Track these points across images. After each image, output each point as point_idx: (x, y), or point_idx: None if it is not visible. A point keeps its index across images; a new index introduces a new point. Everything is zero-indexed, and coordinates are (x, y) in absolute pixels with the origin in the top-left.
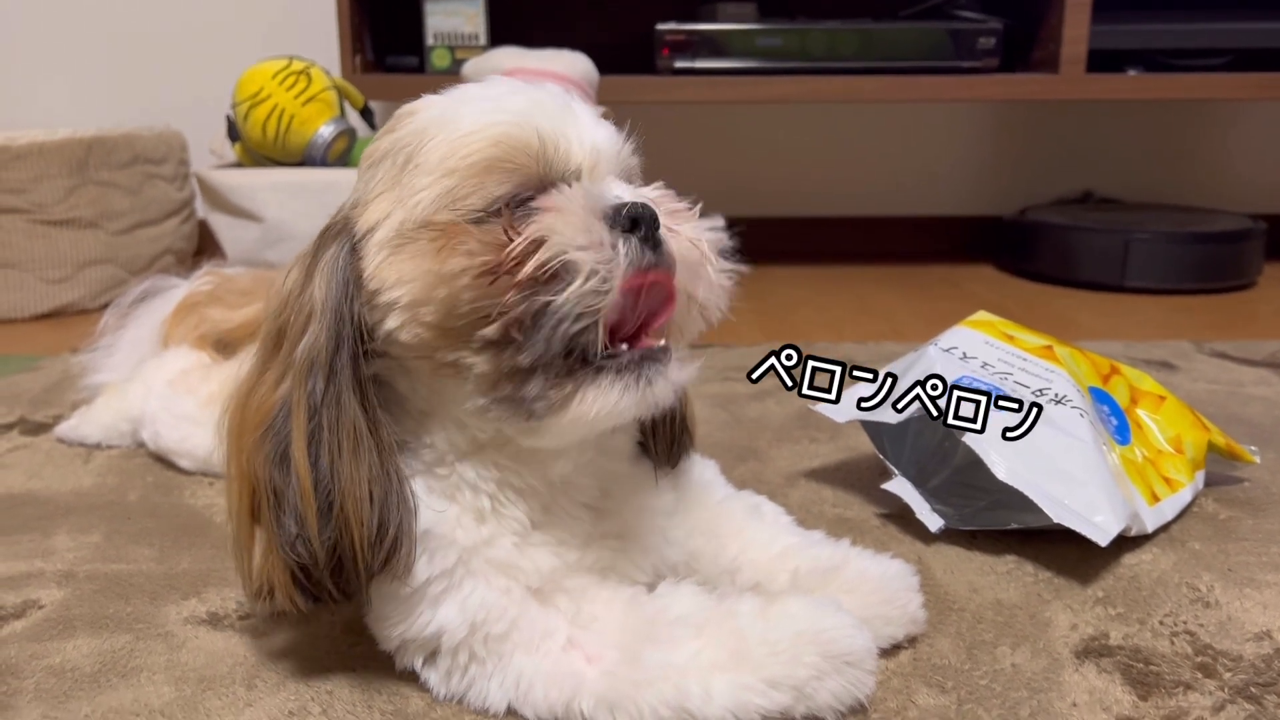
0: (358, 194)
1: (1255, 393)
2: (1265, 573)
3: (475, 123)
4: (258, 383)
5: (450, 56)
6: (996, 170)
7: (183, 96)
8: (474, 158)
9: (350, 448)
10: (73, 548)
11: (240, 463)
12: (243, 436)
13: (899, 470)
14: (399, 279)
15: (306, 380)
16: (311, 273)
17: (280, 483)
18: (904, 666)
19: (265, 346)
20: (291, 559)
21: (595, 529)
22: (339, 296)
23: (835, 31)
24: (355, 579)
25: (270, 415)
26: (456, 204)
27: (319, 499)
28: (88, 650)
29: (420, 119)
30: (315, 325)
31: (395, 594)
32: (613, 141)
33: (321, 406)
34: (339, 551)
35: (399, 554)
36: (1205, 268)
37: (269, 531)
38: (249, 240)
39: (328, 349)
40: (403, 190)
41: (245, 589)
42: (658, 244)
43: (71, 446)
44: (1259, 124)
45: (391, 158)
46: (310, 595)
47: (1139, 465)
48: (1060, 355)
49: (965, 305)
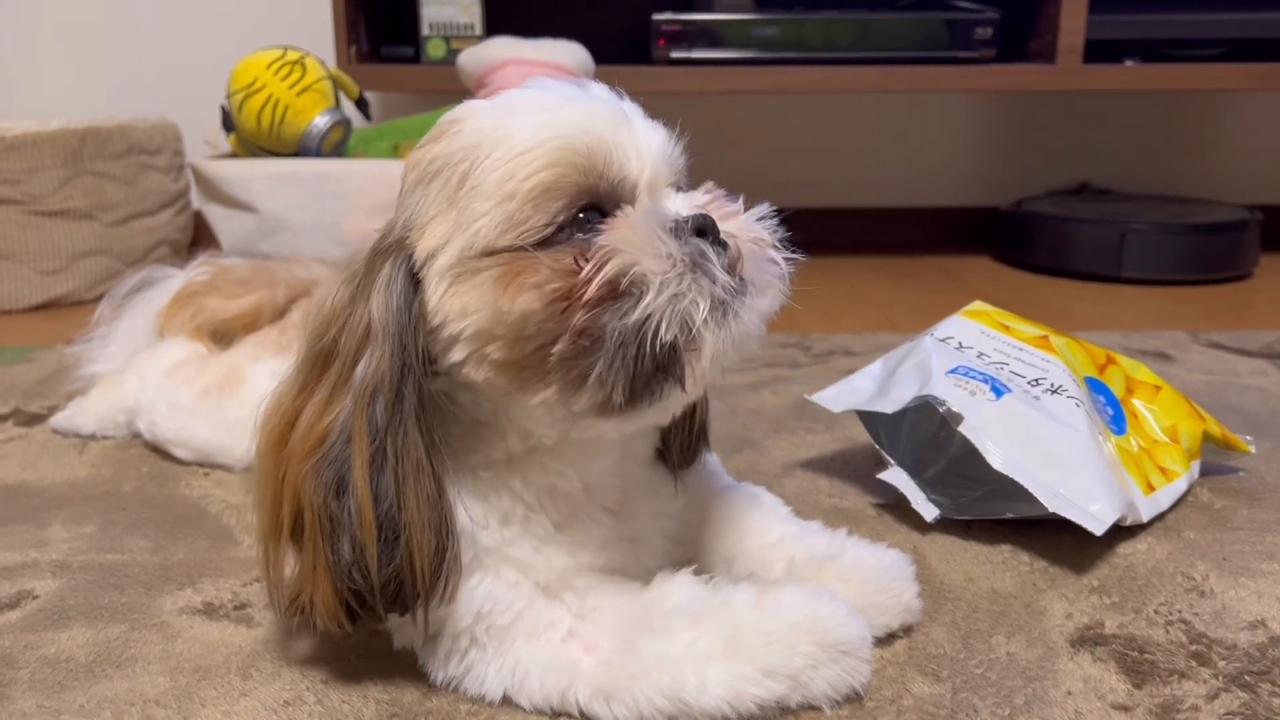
0: (409, 212)
1: (1251, 383)
2: (1260, 562)
3: (531, 139)
4: (303, 404)
5: (446, 47)
6: (993, 161)
7: (178, 87)
8: (532, 180)
9: (413, 476)
10: (67, 538)
11: (281, 484)
12: (288, 460)
13: (895, 460)
14: (463, 310)
15: (369, 406)
16: (367, 293)
17: (336, 510)
18: (899, 655)
19: (308, 366)
20: (346, 584)
21: (613, 532)
22: (401, 322)
23: (832, 21)
24: (411, 603)
25: (324, 440)
26: (518, 228)
27: (381, 528)
28: (82, 640)
29: (470, 132)
30: (377, 349)
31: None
32: (667, 147)
33: (385, 433)
34: (398, 578)
35: (450, 579)
36: (1201, 258)
37: (319, 556)
38: (244, 231)
39: (392, 375)
40: (461, 214)
41: (274, 604)
42: (723, 245)
43: (66, 437)
44: (1255, 115)
45: (444, 176)
46: (356, 617)
47: (1134, 455)
48: (1056, 345)
49: (961, 296)
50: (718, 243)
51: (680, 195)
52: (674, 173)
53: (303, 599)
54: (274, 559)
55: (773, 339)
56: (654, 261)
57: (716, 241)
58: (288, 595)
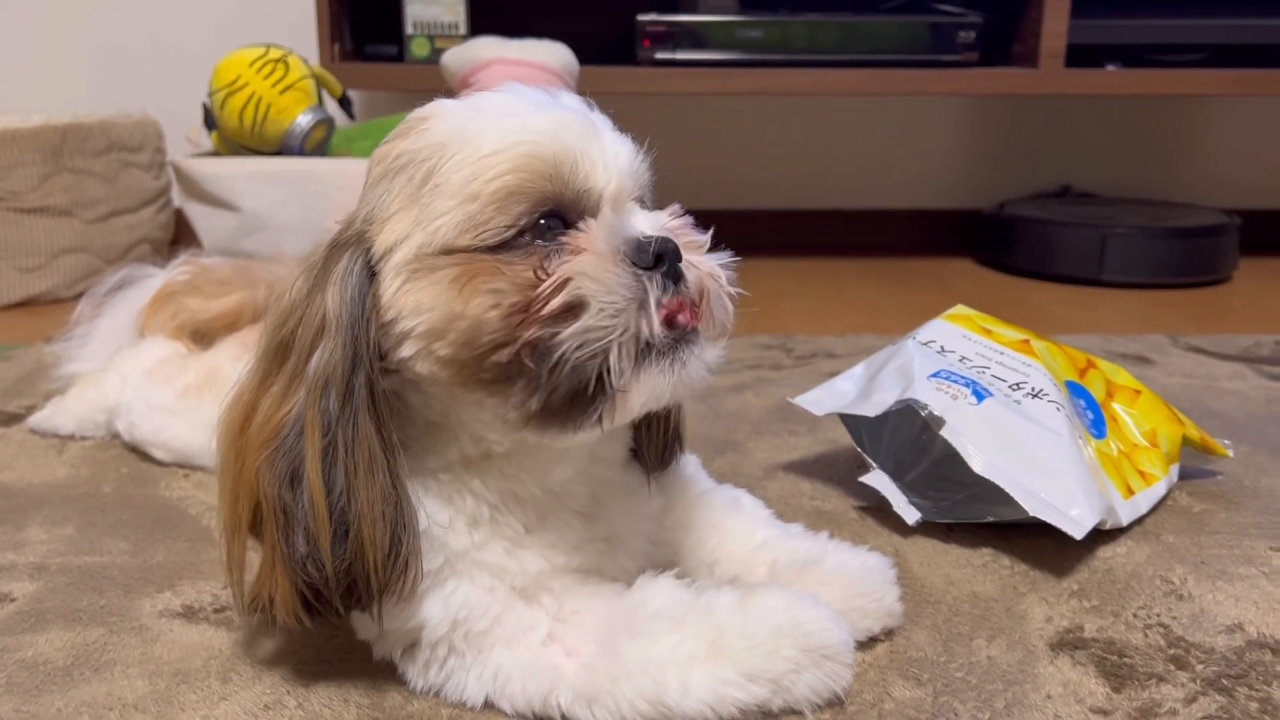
0: (371, 206)
1: (1229, 387)
2: (1237, 565)
3: (498, 142)
4: (261, 396)
5: (430, 46)
6: (976, 163)
7: (160, 83)
8: (496, 183)
9: (365, 468)
10: (46, 540)
11: (240, 477)
12: (245, 452)
13: (877, 463)
14: (416, 307)
15: (321, 398)
16: (323, 285)
17: (290, 502)
18: (880, 659)
19: (268, 358)
20: (301, 578)
21: (585, 534)
22: (354, 314)
23: (816, 24)
24: (366, 598)
25: (279, 432)
26: (478, 230)
27: (333, 520)
28: (60, 643)
29: (437, 130)
30: (330, 341)
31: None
32: (634, 161)
33: (336, 426)
34: (352, 572)
35: (407, 575)
36: (1181, 262)
37: (275, 549)
38: (225, 230)
39: (343, 367)
40: (422, 211)
41: (236, 602)
42: (679, 276)
43: (45, 437)
44: (1234, 120)
45: (408, 173)
46: (314, 612)
47: (1114, 459)
48: (1037, 349)
49: (945, 298)
50: (673, 271)
51: (645, 213)
52: (639, 187)
53: (263, 596)
54: (236, 554)
55: (755, 340)
56: (605, 293)
57: (673, 270)
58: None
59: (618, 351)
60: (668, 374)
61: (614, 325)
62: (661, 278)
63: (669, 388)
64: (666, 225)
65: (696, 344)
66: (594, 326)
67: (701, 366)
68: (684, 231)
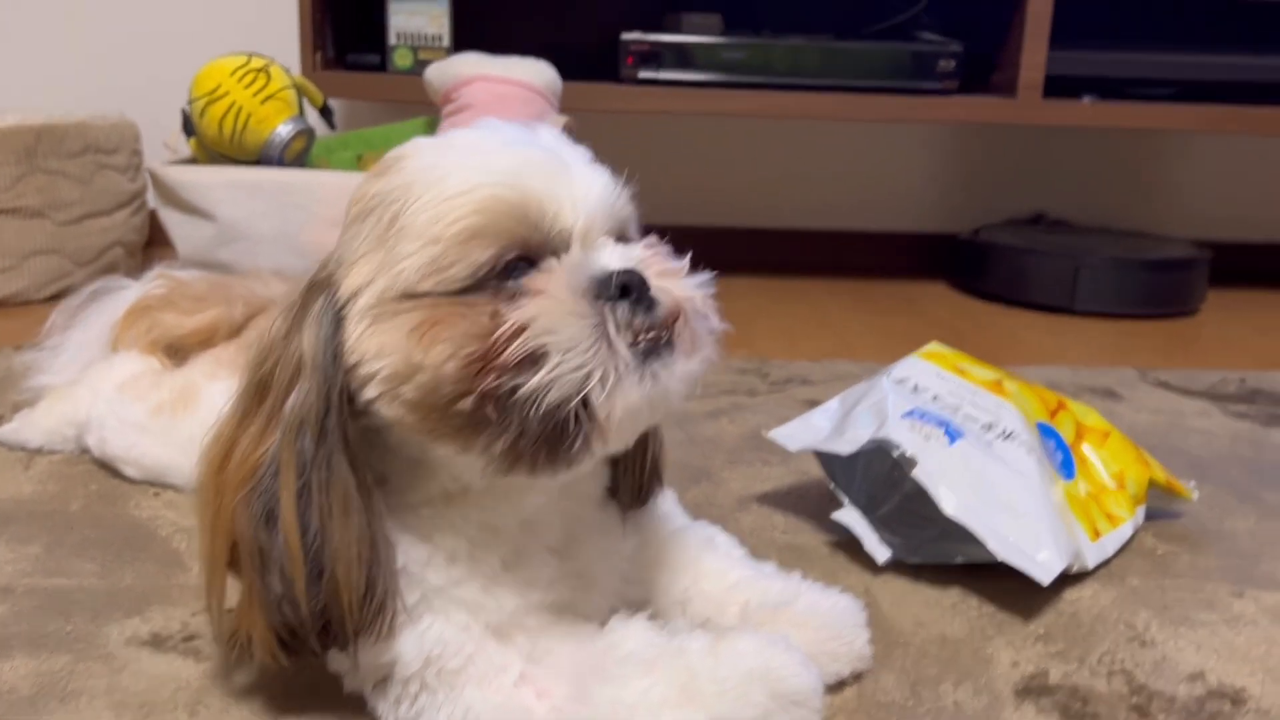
0: (342, 250)
1: (1195, 425)
2: (1199, 611)
3: (462, 184)
4: (240, 434)
5: (413, 57)
6: (952, 188)
7: (137, 86)
8: (458, 225)
9: (340, 510)
10: (11, 559)
11: (219, 515)
12: (224, 490)
13: (849, 498)
14: (379, 351)
15: (296, 439)
16: (299, 326)
17: (266, 542)
18: (849, 703)
19: (248, 396)
20: (277, 618)
21: (559, 571)
22: (325, 358)
23: (799, 48)
24: (342, 639)
25: (256, 471)
26: (440, 274)
27: (308, 561)
28: (25, 671)
29: (408, 171)
30: (305, 382)
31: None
32: (606, 198)
33: (311, 467)
34: (327, 614)
35: (384, 615)
36: (1153, 294)
37: (253, 588)
38: (202, 239)
39: (318, 410)
40: (388, 254)
41: (216, 637)
42: (651, 304)
43: (11, 450)
44: (1205, 154)
45: (377, 214)
46: (291, 651)
47: (1082, 501)
48: (1009, 389)
49: (917, 322)
50: (643, 300)
51: (618, 247)
52: (614, 221)
53: (241, 633)
54: (216, 588)
55: (731, 364)
56: (565, 341)
57: (642, 299)
58: (228, 628)
59: (596, 391)
60: (638, 389)
61: (579, 373)
62: (630, 306)
63: (644, 404)
64: (637, 257)
65: (669, 357)
66: (558, 376)
67: (675, 379)
68: (656, 260)
